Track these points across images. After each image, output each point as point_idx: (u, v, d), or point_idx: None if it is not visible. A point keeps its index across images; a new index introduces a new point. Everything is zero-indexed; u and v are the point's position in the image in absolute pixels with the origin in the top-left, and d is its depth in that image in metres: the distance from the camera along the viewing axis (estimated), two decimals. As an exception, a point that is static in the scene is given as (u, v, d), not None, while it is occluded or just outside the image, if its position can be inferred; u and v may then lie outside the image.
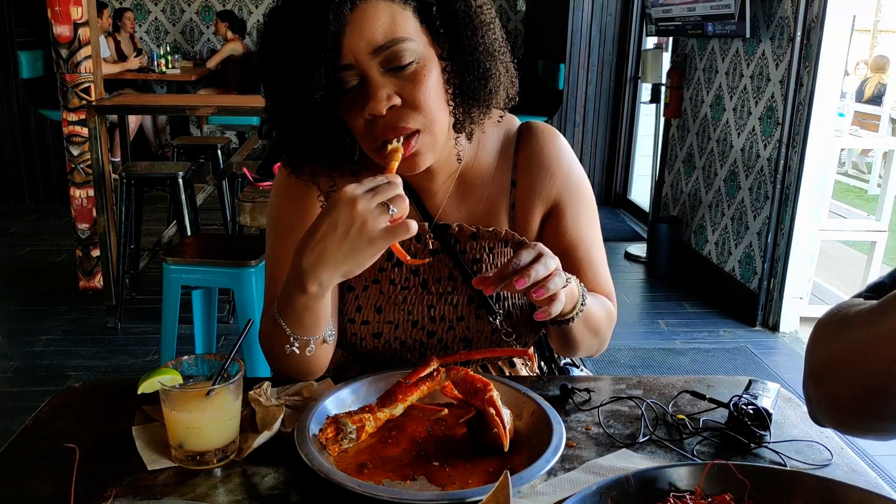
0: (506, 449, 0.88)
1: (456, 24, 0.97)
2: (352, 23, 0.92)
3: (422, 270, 1.12)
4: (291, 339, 0.98)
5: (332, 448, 0.89)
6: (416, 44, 0.95)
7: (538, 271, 0.88)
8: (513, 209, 1.14)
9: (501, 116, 1.14)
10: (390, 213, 0.84)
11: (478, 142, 1.14)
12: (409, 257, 0.92)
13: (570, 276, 0.97)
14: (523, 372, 1.24)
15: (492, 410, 0.90)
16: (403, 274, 1.13)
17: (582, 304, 1.02)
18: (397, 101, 0.94)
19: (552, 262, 0.90)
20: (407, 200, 0.85)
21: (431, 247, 1.12)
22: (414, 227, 0.85)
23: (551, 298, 0.91)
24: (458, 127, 1.03)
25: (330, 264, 0.87)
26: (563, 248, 1.13)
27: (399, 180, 0.86)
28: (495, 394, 0.92)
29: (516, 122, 1.18)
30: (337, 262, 0.87)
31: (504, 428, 0.88)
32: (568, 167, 1.15)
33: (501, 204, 1.14)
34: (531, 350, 1.12)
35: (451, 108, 1.00)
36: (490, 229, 1.12)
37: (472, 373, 0.97)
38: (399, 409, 0.95)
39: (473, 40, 0.98)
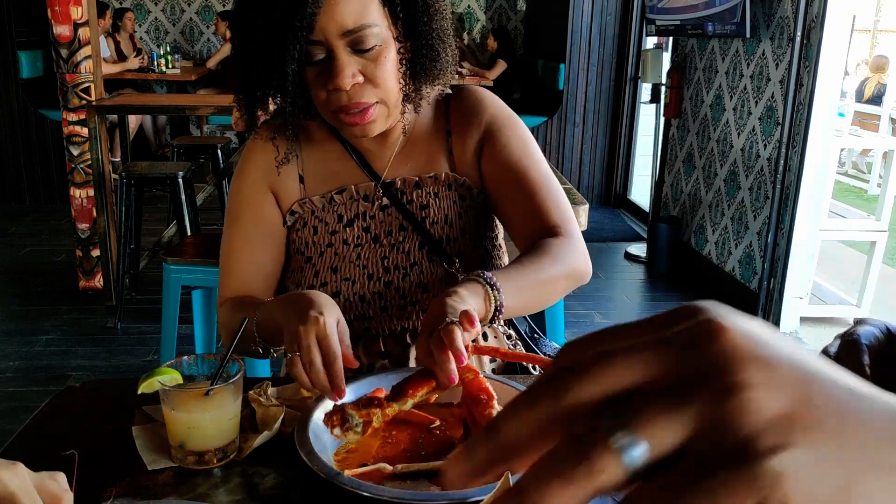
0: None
1: (414, 9, 1.08)
2: (325, 6, 1.02)
3: (373, 226, 1.21)
4: (258, 342, 1.04)
5: (335, 434, 0.90)
6: (380, 28, 1.05)
7: (441, 354, 0.88)
8: (451, 155, 1.24)
9: (442, 91, 1.23)
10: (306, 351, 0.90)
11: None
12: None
13: (464, 287, 0.97)
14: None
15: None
16: (355, 232, 1.20)
17: (497, 297, 1.00)
18: (360, 79, 1.06)
19: (434, 326, 0.91)
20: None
21: (381, 203, 1.20)
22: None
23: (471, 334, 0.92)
24: (407, 99, 1.14)
25: None
26: (498, 172, 1.20)
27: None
28: (496, 412, 0.88)
29: (447, 89, 1.29)
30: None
31: None
32: (494, 105, 1.24)
33: (440, 152, 1.24)
34: None
35: (403, 84, 1.11)
36: (431, 175, 1.21)
37: (483, 380, 0.94)
38: (409, 405, 0.92)
39: (428, 26, 1.09)
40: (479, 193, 1.23)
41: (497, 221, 1.29)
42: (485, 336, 1.27)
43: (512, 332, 1.33)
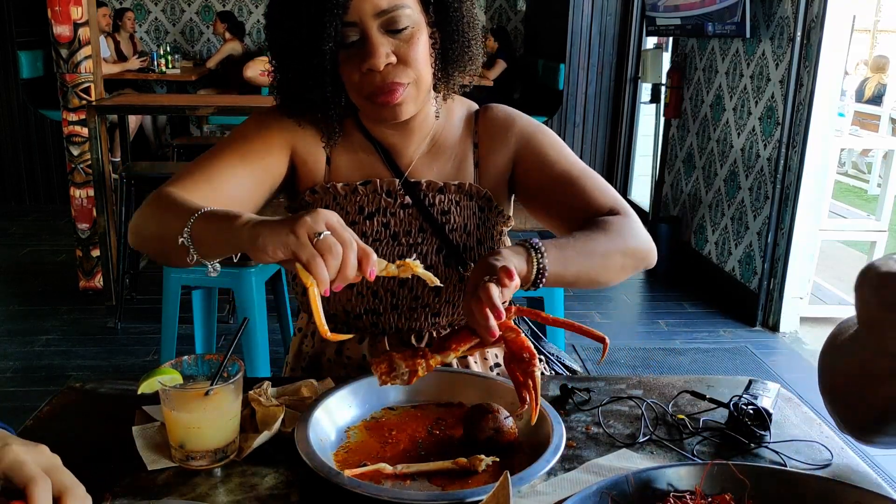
0: (533, 422, 0.90)
1: None
2: None
3: (393, 223, 1.19)
4: (185, 235, 0.95)
5: (381, 380, 0.91)
6: (412, 10, 1.07)
7: (480, 311, 0.89)
8: (477, 167, 1.25)
9: (468, 86, 1.22)
10: (319, 236, 0.83)
11: (446, 113, 1.25)
12: (328, 332, 0.87)
13: (507, 249, 0.99)
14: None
15: (529, 383, 0.89)
16: (374, 227, 1.19)
17: (541, 261, 1.00)
18: (393, 59, 1.06)
19: (476, 286, 0.91)
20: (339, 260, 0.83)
21: (403, 201, 1.19)
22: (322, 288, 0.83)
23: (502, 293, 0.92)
24: (437, 87, 1.16)
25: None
26: (539, 179, 1.21)
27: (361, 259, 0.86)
28: (538, 371, 0.90)
29: (475, 104, 1.30)
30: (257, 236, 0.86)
31: (537, 403, 0.89)
32: (521, 120, 1.26)
33: (467, 162, 1.25)
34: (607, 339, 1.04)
35: (434, 69, 1.12)
36: (455, 183, 1.21)
37: (525, 339, 0.94)
38: (451, 357, 0.93)
39: (459, 12, 1.12)
40: (497, 207, 1.24)
41: (507, 240, 1.30)
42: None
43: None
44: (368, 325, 1.21)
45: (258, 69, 2.86)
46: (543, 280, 1.01)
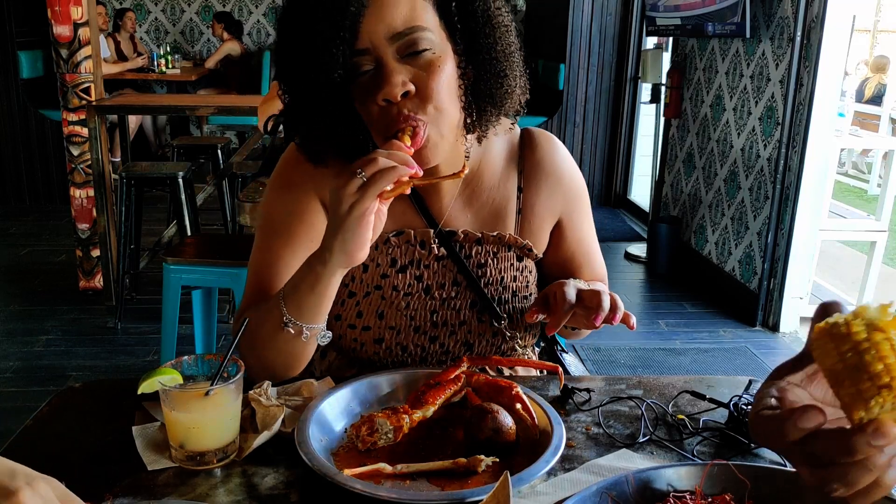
0: (537, 437, 0.92)
1: (474, 21, 0.97)
2: (372, 7, 0.92)
3: (426, 276, 1.13)
4: (286, 319, 0.99)
5: (363, 443, 0.91)
6: (434, 35, 0.95)
7: (605, 305, 0.98)
8: (519, 214, 1.16)
9: (512, 125, 1.15)
10: (359, 174, 0.86)
11: (484, 148, 1.15)
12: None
13: (590, 283, 1.05)
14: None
15: (518, 406, 0.94)
16: (406, 280, 1.12)
17: None
18: (412, 87, 0.93)
19: (606, 293, 1.01)
20: (392, 167, 0.86)
21: (437, 252, 1.12)
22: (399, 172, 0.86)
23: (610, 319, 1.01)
24: (469, 127, 1.02)
25: (332, 243, 0.91)
26: (568, 253, 1.22)
27: (396, 157, 0.88)
28: (521, 389, 0.96)
29: (517, 129, 1.20)
30: (336, 242, 0.90)
31: (533, 420, 0.93)
32: (570, 175, 1.20)
33: (508, 208, 1.15)
34: (560, 368, 1.12)
35: (463, 105, 0.99)
36: (494, 234, 1.13)
37: (491, 378, 1.00)
38: (430, 411, 0.96)
39: (491, 39, 0.99)
40: (536, 255, 1.18)
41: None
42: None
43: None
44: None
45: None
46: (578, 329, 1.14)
